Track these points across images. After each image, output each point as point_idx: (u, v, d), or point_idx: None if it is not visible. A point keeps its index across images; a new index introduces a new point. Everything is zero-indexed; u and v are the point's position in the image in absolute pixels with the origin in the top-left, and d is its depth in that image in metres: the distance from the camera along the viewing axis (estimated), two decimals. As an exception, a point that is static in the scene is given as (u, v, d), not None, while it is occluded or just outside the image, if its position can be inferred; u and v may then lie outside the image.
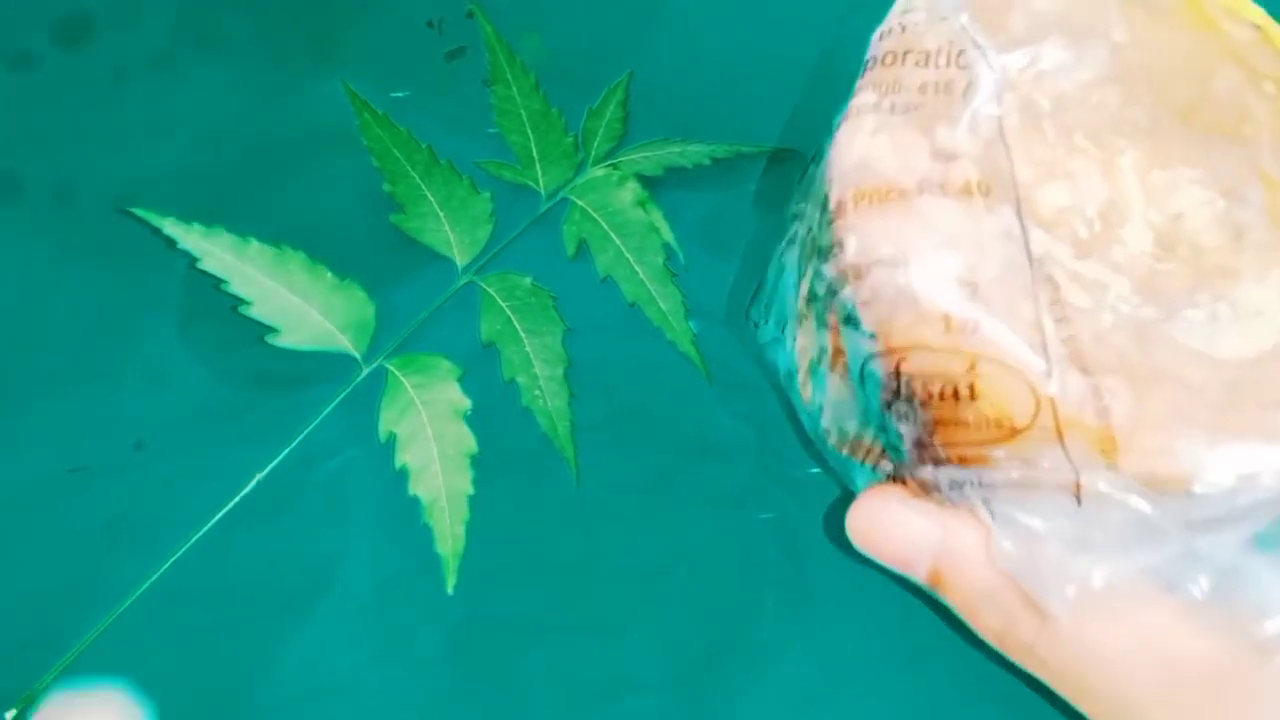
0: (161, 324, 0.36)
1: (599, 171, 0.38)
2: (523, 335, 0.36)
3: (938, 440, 0.23)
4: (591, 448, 0.35)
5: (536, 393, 0.35)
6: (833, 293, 0.24)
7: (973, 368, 0.22)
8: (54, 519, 0.34)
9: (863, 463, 0.27)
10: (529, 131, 0.38)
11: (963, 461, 0.23)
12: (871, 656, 0.32)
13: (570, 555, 0.33)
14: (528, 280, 0.36)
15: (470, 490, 0.34)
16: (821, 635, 0.33)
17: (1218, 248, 0.22)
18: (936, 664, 0.31)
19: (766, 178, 0.38)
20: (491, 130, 0.38)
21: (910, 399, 0.23)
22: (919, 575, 0.27)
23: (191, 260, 0.35)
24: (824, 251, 0.24)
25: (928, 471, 0.24)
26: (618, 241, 0.37)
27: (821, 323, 0.25)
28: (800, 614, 0.33)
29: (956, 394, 0.22)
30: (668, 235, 0.37)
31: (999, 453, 0.22)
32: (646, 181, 0.37)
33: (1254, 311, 0.22)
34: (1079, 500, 0.22)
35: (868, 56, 0.25)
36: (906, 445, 0.24)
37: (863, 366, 0.24)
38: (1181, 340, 0.22)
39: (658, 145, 0.38)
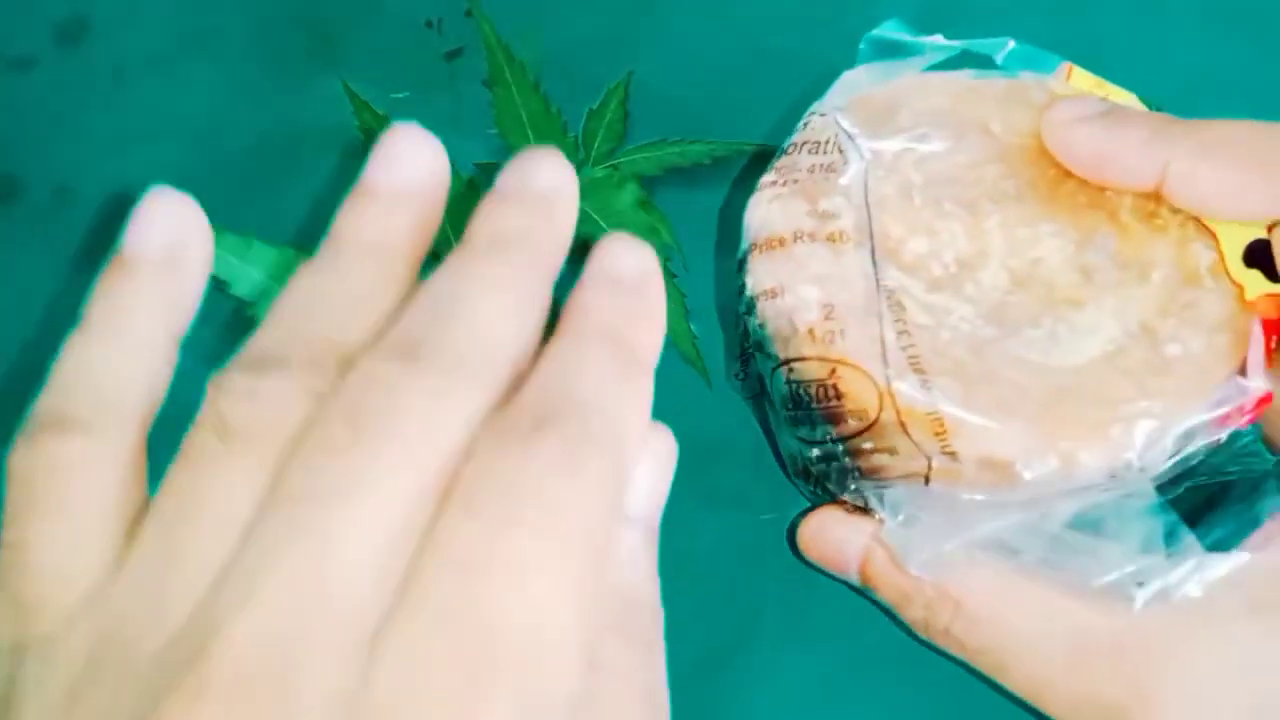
0: (162, 325, 0.36)
1: (599, 172, 0.38)
2: (523, 336, 0.36)
3: (827, 437, 0.28)
4: (592, 448, 0.35)
5: (537, 393, 0.35)
6: (742, 326, 0.30)
7: (834, 372, 0.27)
8: (55, 520, 0.34)
9: (814, 489, 0.31)
10: (529, 132, 0.38)
11: (853, 453, 0.28)
12: (871, 657, 0.32)
13: (571, 556, 0.34)
14: (528, 281, 0.36)
15: (471, 491, 0.34)
16: (821, 636, 0.33)
17: (1069, 284, 0.28)
18: (935, 665, 0.31)
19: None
20: (491, 131, 0.38)
21: (801, 403, 0.28)
22: (853, 577, 0.30)
23: (192, 261, 0.35)
24: (737, 293, 0.30)
25: (833, 465, 0.29)
26: (618, 242, 0.37)
27: (750, 356, 0.31)
28: (800, 615, 0.33)
29: (828, 394, 0.27)
30: (668, 236, 0.37)
31: (867, 444, 0.28)
32: (646, 182, 0.37)
33: (1088, 329, 0.27)
34: (928, 481, 0.27)
35: (780, 148, 0.31)
36: (813, 453, 0.29)
37: (770, 387, 0.29)
38: (1017, 352, 0.27)
39: (657, 145, 0.38)
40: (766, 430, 0.34)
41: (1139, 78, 0.31)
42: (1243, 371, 0.27)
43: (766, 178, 0.31)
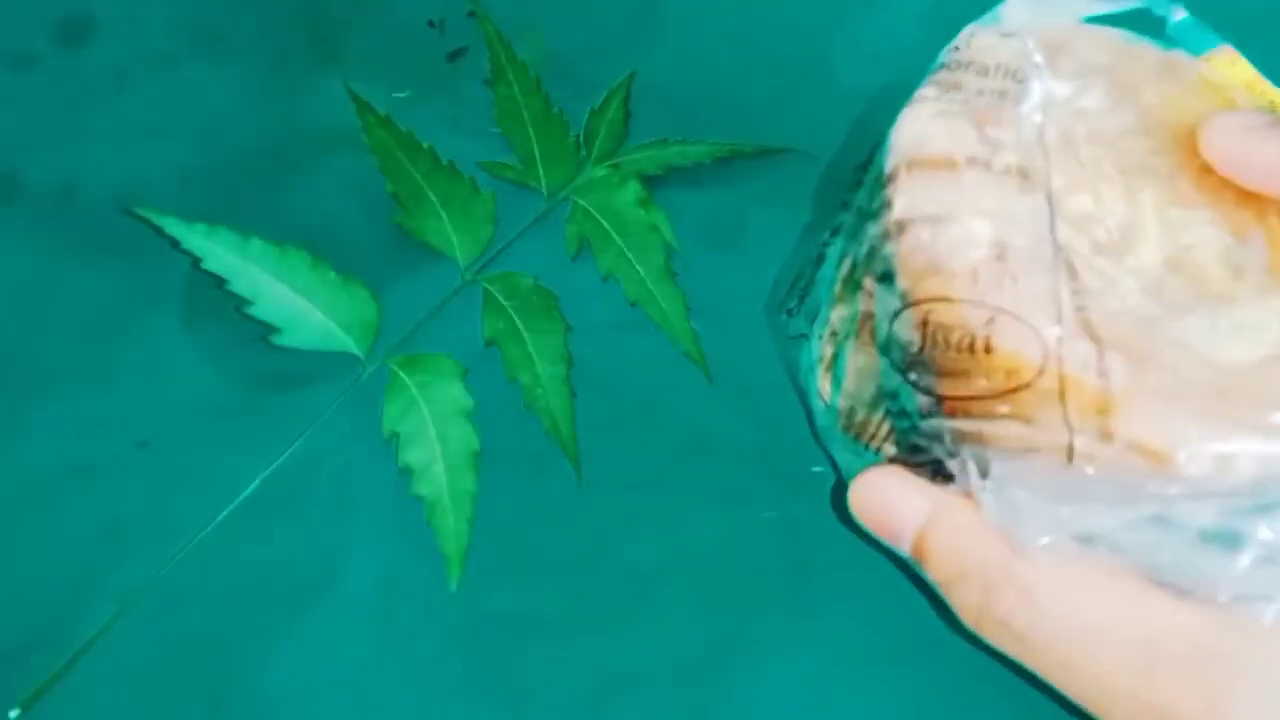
0: (164, 323, 0.36)
1: (600, 171, 0.38)
2: (525, 334, 0.36)
3: (948, 393, 0.25)
4: (593, 446, 0.35)
5: (539, 391, 0.35)
6: (873, 252, 0.27)
7: (992, 320, 0.24)
8: (58, 518, 0.34)
9: (868, 446, 0.29)
10: (531, 132, 0.38)
11: (967, 414, 0.25)
12: (872, 653, 0.33)
13: (572, 553, 0.34)
14: (530, 280, 0.36)
15: (473, 488, 0.34)
16: (822, 632, 0.33)
17: (1220, 278, 0.25)
18: (936, 660, 0.31)
19: (767, 177, 0.38)
20: (493, 130, 0.38)
21: (930, 352, 0.25)
22: (905, 546, 0.28)
23: (194, 260, 0.35)
24: (873, 214, 0.27)
25: (934, 424, 0.26)
26: (619, 241, 0.37)
27: (856, 287, 0.28)
28: (801, 611, 0.33)
29: (973, 346, 0.24)
30: (669, 235, 0.37)
31: (1003, 408, 0.24)
32: (647, 181, 0.37)
33: (1252, 325, 0.25)
34: (1070, 459, 0.24)
35: (936, 64, 0.28)
36: (917, 404, 0.26)
37: (890, 327, 0.26)
38: (1182, 338, 0.24)
39: (659, 145, 0.38)
40: (794, 379, 0.33)
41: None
42: None
43: (924, 90, 0.27)
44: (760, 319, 0.36)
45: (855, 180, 0.30)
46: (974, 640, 0.27)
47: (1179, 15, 0.29)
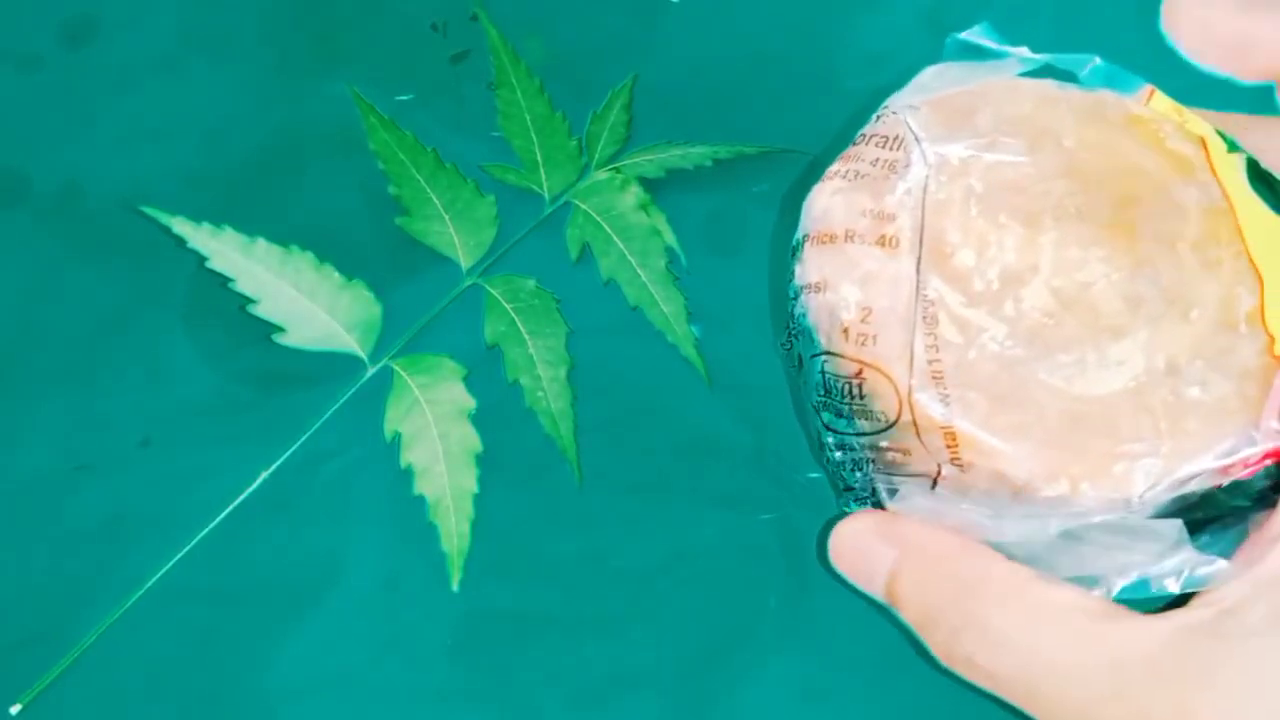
0: (168, 322, 0.36)
1: (602, 175, 0.38)
2: (526, 337, 0.36)
3: (844, 431, 0.29)
4: (594, 448, 0.35)
5: (540, 394, 0.35)
6: (790, 308, 0.31)
7: (860, 372, 0.28)
8: (60, 515, 0.34)
9: (831, 470, 0.31)
10: (533, 135, 0.38)
11: (867, 449, 0.29)
12: (870, 655, 0.33)
13: (573, 554, 0.34)
14: (532, 282, 0.37)
15: (475, 489, 0.34)
16: (821, 634, 0.33)
17: (1113, 311, 0.28)
18: (929, 669, 0.31)
19: (768, 178, 0.38)
20: (495, 134, 0.39)
21: (831, 394, 0.29)
22: (879, 590, 0.29)
23: (199, 259, 0.35)
24: (789, 278, 0.31)
25: (841, 456, 0.30)
26: (620, 245, 0.37)
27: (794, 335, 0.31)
28: (800, 613, 0.33)
29: (852, 393, 0.28)
30: (670, 238, 0.37)
31: (885, 441, 0.28)
32: (649, 184, 0.38)
33: (1116, 361, 0.27)
34: (935, 485, 0.28)
35: (849, 140, 0.31)
36: (832, 439, 0.30)
37: (807, 369, 0.30)
38: (1042, 376, 0.27)
39: (660, 148, 0.38)
40: (798, 403, 0.35)
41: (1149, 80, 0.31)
42: (1256, 426, 0.27)
43: (832, 167, 0.30)
44: (761, 322, 0.36)
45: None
46: (955, 678, 0.28)
47: (1094, 63, 0.31)
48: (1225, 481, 0.27)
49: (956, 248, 0.28)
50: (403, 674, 0.33)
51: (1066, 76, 0.31)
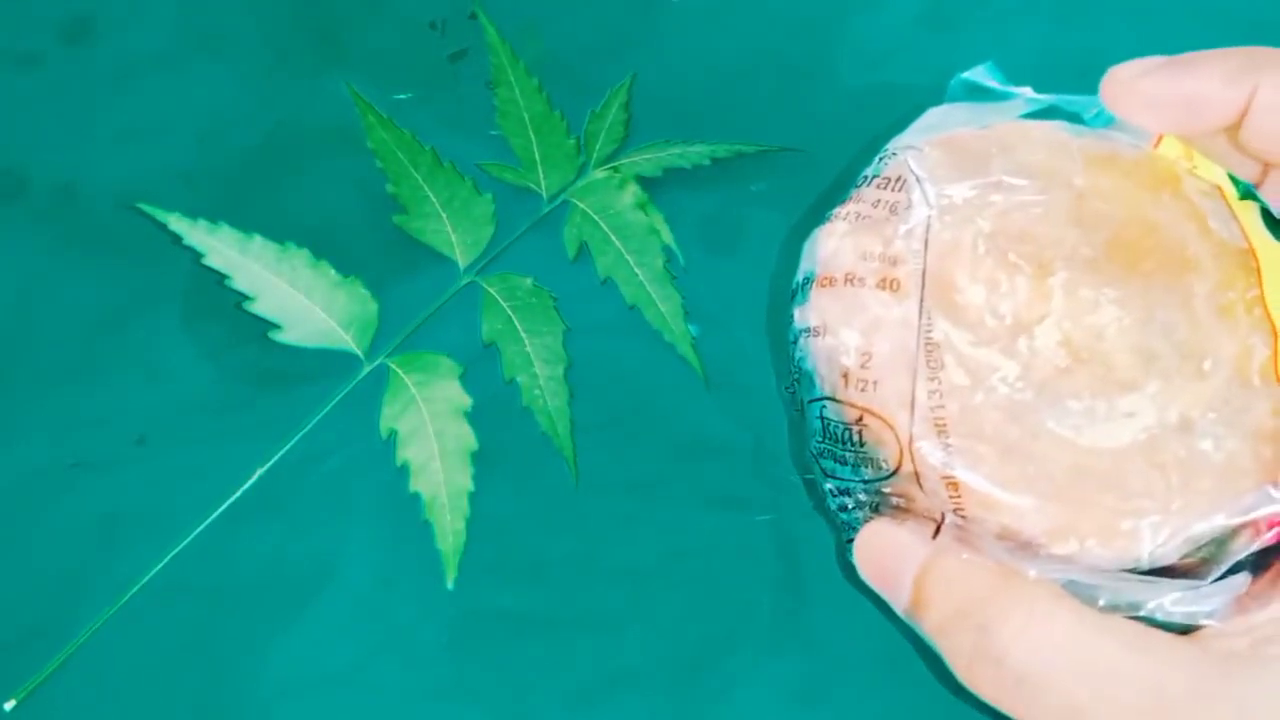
0: (164, 320, 0.36)
1: (600, 174, 0.38)
2: (523, 335, 0.36)
3: (843, 477, 0.29)
4: (590, 447, 0.35)
5: (536, 392, 0.35)
6: (791, 352, 0.30)
7: (860, 419, 0.27)
8: (56, 512, 0.34)
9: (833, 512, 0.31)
10: (531, 134, 0.38)
11: (868, 494, 0.28)
12: (865, 656, 0.33)
13: (568, 553, 0.34)
14: (529, 281, 0.37)
15: (470, 487, 0.34)
16: (816, 634, 0.33)
17: (1127, 364, 0.27)
18: (924, 671, 0.31)
19: (766, 177, 0.38)
20: (494, 132, 0.39)
21: (831, 439, 0.29)
22: (905, 589, 0.28)
23: (196, 256, 0.36)
24: (789, 320, 0.30)
25: (850, 501, 0.29)
26: (618, 244, 0.37)
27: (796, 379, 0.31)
28: (795, 613, 0.33)
29: (854, 437, 0.28)
30: (668, 238, 0.37)
31: (887, 488, 0.28)
32: (647, 183, 0.38)
33: (1126, 412, 0.26)
34: (936, 533, 0.27)
35: (856, 180, 0.31)
36: (831, 486, 0.29)
37: (807, 412, 0.30)
38: (1050, 425, 0.26)
39: (658, 147, 0.38)
40: (796, 448, 0.35)
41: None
42: (1275, 483, 0.26)
43: (840, 208, 0.30)
44: (758, 323, 0.36)
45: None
46: (967, 695, 0.26)
47: (1100, 107, 0.30)
48: (1251, 544, 0.26)
49: (965, 287, 0.27)
50: (397, 672, 0.33)
51: (1072, 117, 0.31)
